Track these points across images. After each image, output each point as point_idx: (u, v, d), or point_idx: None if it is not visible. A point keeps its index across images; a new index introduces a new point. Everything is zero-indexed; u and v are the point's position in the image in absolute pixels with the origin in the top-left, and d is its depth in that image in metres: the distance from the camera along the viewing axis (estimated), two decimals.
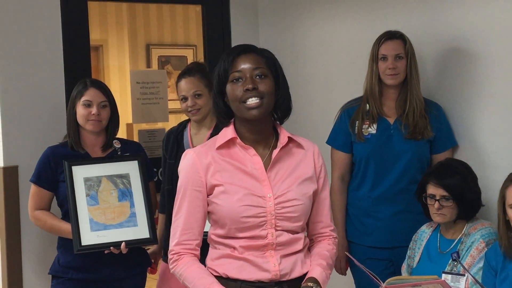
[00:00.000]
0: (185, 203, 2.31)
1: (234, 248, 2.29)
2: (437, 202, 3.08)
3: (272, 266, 2.27)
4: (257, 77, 2.26)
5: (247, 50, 2.30)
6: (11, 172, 3.68)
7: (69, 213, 3.14)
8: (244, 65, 2.26)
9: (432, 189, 3.11)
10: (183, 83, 3.46)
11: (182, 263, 2.29)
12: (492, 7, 3.34)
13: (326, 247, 2.44)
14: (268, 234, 2.27)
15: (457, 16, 3.49)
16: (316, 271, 2.33)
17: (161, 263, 3.54)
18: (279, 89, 2.32)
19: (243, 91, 2.24)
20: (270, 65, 2.31)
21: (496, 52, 3.34)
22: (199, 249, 2.34)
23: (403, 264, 3.32)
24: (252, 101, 2.24)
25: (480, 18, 3.39)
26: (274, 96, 2.31)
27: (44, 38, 3.81)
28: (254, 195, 2.26)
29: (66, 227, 3.18)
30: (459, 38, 3.48)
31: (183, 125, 3.59)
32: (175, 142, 3.50)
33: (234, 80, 2.26)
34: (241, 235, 2.27)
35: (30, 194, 3.28)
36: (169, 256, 2.33)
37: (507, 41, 3.28)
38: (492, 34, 3.35)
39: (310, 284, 2.27)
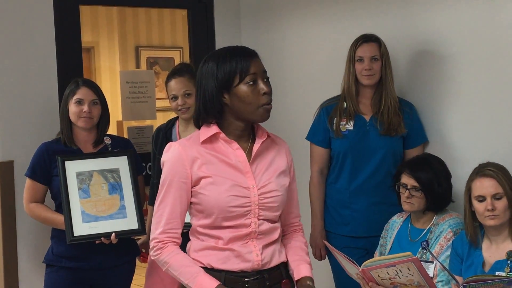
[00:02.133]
0: (171, 194, 2.28)
1: (219, 238, 2.28)
2: (407, 191, 3.11)
3: (255, 256, 2.28)
4: (266, 80, 2.28)
5: (255, 54, 2.30)
6: (7, 167, 3.67)
7: (62, 205, 3.13)
8: (257, 68, 2.26)
9: (405, 179, 3.13)
10: (173, 83, 3.45)
11: (167, 251, 2.26)
12: (458, 14, 3.36)
13: (302, 240, 2.49)
14: (252, 223, 2.27)
15: (427, 22, 3.51)
16: (307, 269, 2.38)
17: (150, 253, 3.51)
18: None
19: (262, 95, 2.24)
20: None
21: (462, 54, 3.37)
22: (181, 238, 2.33)
23: (376, 251, 3.33)
24: (267, 105, 2.25)
25: (448, 23, 3.41)
26: None
27: (38, 40, 3.78)
28: (240, 186, 2.26)
29: (59, 218, 3.18)
30: (430, 42, 3.50)
31: (171, 123, 3.59)
32: (164, 138, 3.51)
33: (251, 82, 2.24)
34: (226, 224, 2.26)
35: (25, 187, 3.28)
36: (152, 244, 2.29)
37: (472, 44, 3.32)
38: (458, 38, 3.37)
39: (309, 283, 2.33)
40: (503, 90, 3.21)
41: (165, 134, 3.53)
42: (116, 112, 4.95)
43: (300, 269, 2.37)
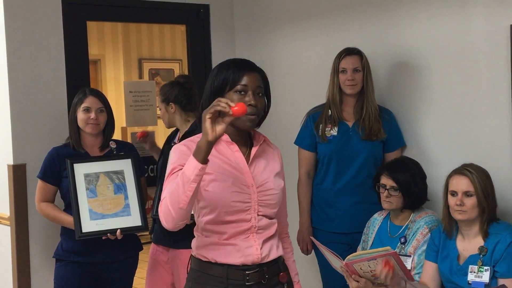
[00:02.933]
0: (173, 175, 2.22)
1: (222, 233, 2.26)
2: (386, 191, 3.11)
3: (255, 250, 2.26)
4: (258, 94, 2.25)
5: (254, 69, 2.29)
6: (19, 169, 3.66)
7: (71, 204, 3.13)
8: (251, 81, 2.24)
9: (384, 180, 3.14)
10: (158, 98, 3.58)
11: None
12: (432, 29, 3.38)
13: (291, 251, 2.53)
14: (252, 218, 2.26)
15: (405, 36, 3.52)
16: None
17: (152, 246, 3.51)
18: (267, 105, 2.33)
19: (247, 106, 2.20)
20: (265, 86, 2.32)
21: (435, 66, 3.39)
22: None
23: (358, 246, 3.34)
24: (251, 116, 2.23)
25: (423, 38, 3.43)
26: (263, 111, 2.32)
27: (49, 53, 3.78)
28: (241, 184, 2.26)
29: (66, 218, 3.19)
30: (406, 54, 3.52)
31: (177, 130, 3.57)
32: (172, 142, 3.50)
33: (237, 92, 2.24)
34: (229, 218, 2.24)
35: (37, 188, 3.28)
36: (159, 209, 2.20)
37: (444, 57, 3.34)
38: (433, 51, 3.39)
39: None
40: (473, 99, 3.23)
41: (174, 137, 3.54)
42: (120, 119, 4.94)
43: None
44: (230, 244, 2.26)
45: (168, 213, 2.12)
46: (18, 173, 3.65)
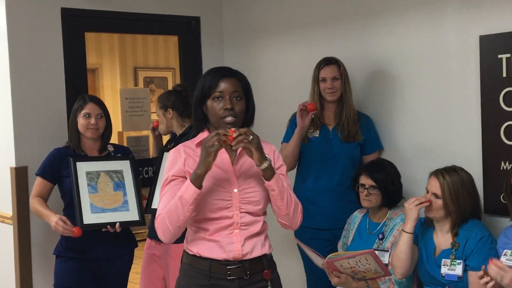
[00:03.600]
0: (170, 189, 2.27)
1: (206, 230, 2.27)
2: (366, 190, 3.12)
3: (236, 247, 2.26)
4: (234, 98, 2.26)
5: (229, 74, 2.30)
6: (21, 171, 3.64)
7: (73, 198, 3.13)
8: (226, 87, 2.26)
9: (363, 180, 3.15)
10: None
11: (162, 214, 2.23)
12: (406, 40, 3.40)
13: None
14: (234, 214, 2.26)
15: (381, 47, 3.54)
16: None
17: (147, 241, 3.52)
18: (248, 107, 2.34)
19: (223, 110, 2.24)
20: (244, 89, 2.32)
21: (409, 74, 3.41)
22: None
23: (339, 242, 3.35)
24: (229, 119, 2.24)
25: (398, 49, 3.45)
26: (244, 113, 2.32)
27: (49, 62, 3.77)
28: (223, 183, 2.26)
29: (45, 212, 3.15)
30: (382, 64, 3.54)
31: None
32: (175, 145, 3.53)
33: (215, 98, 2.26)
34: (211, 215, 2.25)
35: (34, 184, 3.26)
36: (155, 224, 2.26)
37: (417, 66, 3.36)
38: (406, 60, 3.42)
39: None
40: (445, 104, 3.25)
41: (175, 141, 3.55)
42: (117, 124, 4.92)
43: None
44: (214, 240, 2.26)
45: (167, 230, 2.21)
46: (20, 175, 3.63)
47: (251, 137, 2.16)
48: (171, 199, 2.22)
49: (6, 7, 3.60)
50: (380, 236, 3.10)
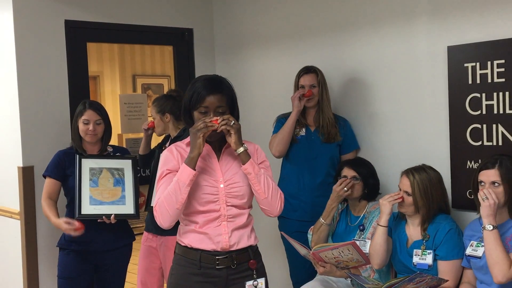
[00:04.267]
0: (164, 181, 2.28)
1: (196, 223, 2.28)
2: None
3: (224, 238, 2.27)
4: (218, 113, 2.25)
5: (215, 90, 2.26)
6: (28, 171, 3.63)
7: (74, 190, 3.13)
8: (211, 103, 2.25)
9: (346, 172, 3.15)
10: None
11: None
12: (379, 51, 3.41)
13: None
14: (221, 208, 2.27)
15: (356, 57, 3.54)
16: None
17: (144, 234, 3.51)
18: (233, 115, 2.31)
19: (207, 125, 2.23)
20: (229, 101, 2.30)
21: (382, 82, 3.42)
22: None
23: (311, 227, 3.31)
24: (214, 131, 2.24)
25: (371, 58, 3.46)
26: None
27: (54, 70, 3.76)
28: (210, 178, 2.27)
29: (53, 219, 3.14)
30: (357, 72, 3.54)
31: (168, 137, 3.58)
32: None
33: (201, 112, 2.26)
34: (200, 208, 2.26)
35: (44, 186, 3.25)
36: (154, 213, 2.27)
37: (389, 74, 3.37)
38: (379, 69, 3.42)
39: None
40: (416, 108, 3.26)
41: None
42: (117, 127, 4.91)
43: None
44: (203, 233, 2.27)
45: (166, 213, 2.21)
46: (27, 174, 3.62)
47: (233, 122, 2.21)
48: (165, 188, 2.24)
49: (14, 19, 3.60)
50: (361, 227, 3.10)
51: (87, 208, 3.11)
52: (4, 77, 3.75)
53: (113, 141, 3.65)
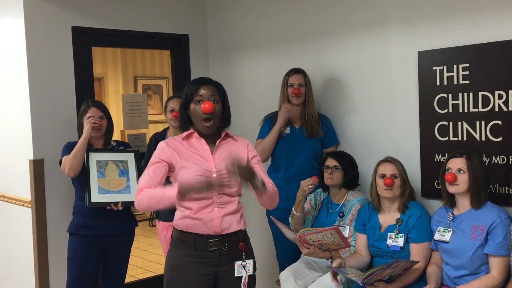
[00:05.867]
0: (153, 166, 2.27)
1: (191, 209, 2.27)
2: (330, 169, 3.14)
3: (216, 223, 2.27)
4: (213, 101, 2.26)
5: (207, 82, 2.29)
6: (38, 163, 3.62)
7: (85, 181, 3.13)
8: (205, 93, 2.26)
9: (329, 162, 3.17)
10: (173, 101, 3.50)
11: (145, 190, 2.21)
12: (357, 54, 3.41)
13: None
14: (213, 195, 2.26)
15: (337, 59, 3.54)
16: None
17: (159, 224, 3.53)
18: (224, 109, 2.33)
19: (203, 113, 2.23)
20: (220, 94, 2.30)
21: (359, 82, 3.42)
22: None
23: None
24: (206, 123, 2.25)
25: (351, 60, 3.46)
26: (221, 115, 2.31)
27: (62, 72, 3.74)
28: (203, 169, 2.26)
29: (82, 136, 3.12)
30: (338, 73, 3.54)
31: (164, 131, 3.59)
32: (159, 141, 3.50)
33: (197, 102, 2.26)
34: (194, 196, 2.24)
35: (63, 160, 3.17)
36: (136, 192, 2.25)
37: (367, 75, 3.37)
38: (357, 70, 3.42)
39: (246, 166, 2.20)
40: (390, 107, 3.26)
41: (161, 139, 3.53)
42: (119, 123, 4.90)
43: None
44: (197, 218, 2.27)
45: (144, 206, 2.21)
46: (37, 166, 3.61)
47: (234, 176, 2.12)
48: (152, 175, 2.22)
49: (25, 25, 3.58)
50: (341, 214, 3.12)
51: (97, 197, 3.12)
52: (16, 79, 3.74)
53: (116, 136, 3.65)
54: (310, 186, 3.05)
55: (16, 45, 3.70)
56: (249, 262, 2.31)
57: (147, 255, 5.90)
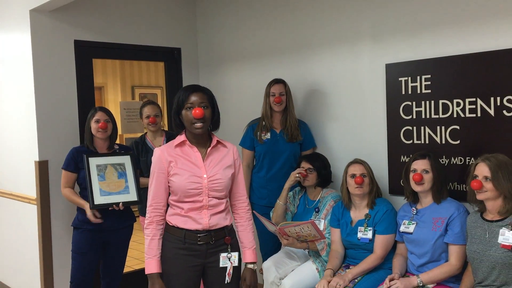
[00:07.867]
0: (154, 180, 2.27)
1: (182, 208, 2.27)
2: (305, 171, 3.14)
3: (205, 221, 2.26)
4: (203, 107, 2.22)
5: (197, 89, 2.26)
6: (43, 164, 3.59)
7: (86, 185, 3.10)
8: (195, 99, 2.22)
9: (303, 164, 3.17)
10: (148, 108, 3.51)
11: (153, 229, 2.27)
12: (333, 65, 3.41)
13: (249, 224, 2.41)
14: (204, 199, 2.25)
15: (315, 70, 3.54)
16: (250, 255, 2.37)
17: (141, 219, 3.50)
18: (214, 114, 2.30)
19: (193, 118, 2.21)
20: (209, 100, 2.27)
21: (335, 92, 3.42)
22: (165, 208, 2.30)
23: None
24: (199, 124, 2.22)
25: (327, 71, 3.46)
26: (211, 120, 2.29)
27: (65, 82, 3.71)
28: (195, 176, 2.24)
29: (79, 201, 3.15)
30: (316, 83, 3.54)
31: (143, 136, 3.59)
32: (143, 146, 3.50)
33: (188, 108, 2.23)
34: (186, 199, 2.25)
35: (62, 177, 3.21)
36: (147, 215, 2.27)
37: (341, 85, 3.37)
38: (333, 81, 3.42)
39: (250, 266, 2.35)
40: (361, 114, 3.27)
41: (142, 144, 3.53)
42: (118, 128, 4.88)
43: (245, 255, 2.37)
44: (187, 216, 2.26)
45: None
46: (42, 167, 3.58)
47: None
48: (158, 187, 2.25)
49: (31, 38, 3.56)
50: (316, 209, 3.13)
51: (99, 199, 3.09)
52: (23, 87, 3.71)
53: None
54: (297, 175, 3.09)
55: (23, 57, 3.67)
56: (235, 255, 2.29)
57: (143, 248, 5.85)
